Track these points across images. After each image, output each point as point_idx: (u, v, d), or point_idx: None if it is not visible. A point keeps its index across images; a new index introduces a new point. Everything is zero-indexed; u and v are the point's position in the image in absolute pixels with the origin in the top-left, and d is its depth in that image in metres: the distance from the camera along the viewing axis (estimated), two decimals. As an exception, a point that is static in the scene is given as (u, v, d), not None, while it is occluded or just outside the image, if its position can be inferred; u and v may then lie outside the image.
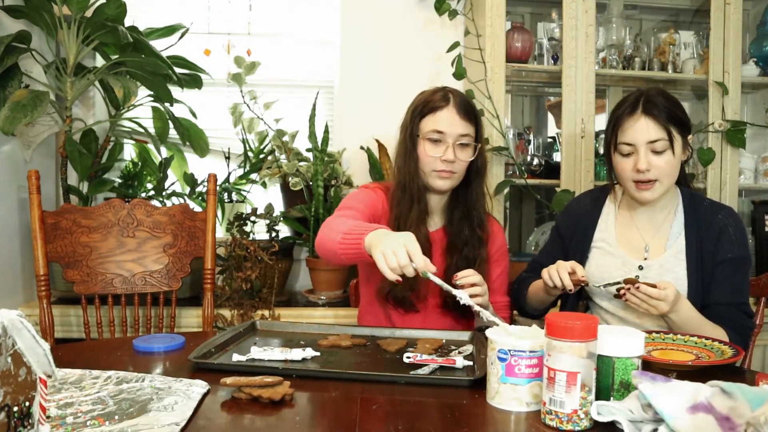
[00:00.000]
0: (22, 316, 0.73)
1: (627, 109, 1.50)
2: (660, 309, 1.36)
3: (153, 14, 2.59)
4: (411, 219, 1.58)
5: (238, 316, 2.16)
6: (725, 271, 1.51)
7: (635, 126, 1.48)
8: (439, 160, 1.56)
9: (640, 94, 1.51)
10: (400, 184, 1.61)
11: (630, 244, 1.60)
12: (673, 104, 1.50)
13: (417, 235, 1.51)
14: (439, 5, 2.47)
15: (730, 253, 1.51)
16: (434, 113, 1.57)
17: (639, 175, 1.48)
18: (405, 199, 1.60)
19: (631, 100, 1.51)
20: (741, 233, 1.53)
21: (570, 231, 1.68)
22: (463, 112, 1.57)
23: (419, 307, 1.64)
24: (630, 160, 1.50)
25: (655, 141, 1.46)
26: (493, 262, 1.67)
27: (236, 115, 2.45)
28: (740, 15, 2.47)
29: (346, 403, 1.02)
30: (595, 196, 1.71)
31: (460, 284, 1.40)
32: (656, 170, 1.47)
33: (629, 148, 1.50)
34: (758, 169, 2.70)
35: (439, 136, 1.56)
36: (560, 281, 1.44)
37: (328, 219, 1.47)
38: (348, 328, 1.47)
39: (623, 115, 1.50)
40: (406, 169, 1.60)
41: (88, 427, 0.88)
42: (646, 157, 1.47)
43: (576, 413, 0.91)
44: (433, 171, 1.58)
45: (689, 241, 1.54)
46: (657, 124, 1.46)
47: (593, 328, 0.92)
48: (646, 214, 1.59)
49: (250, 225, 2.30)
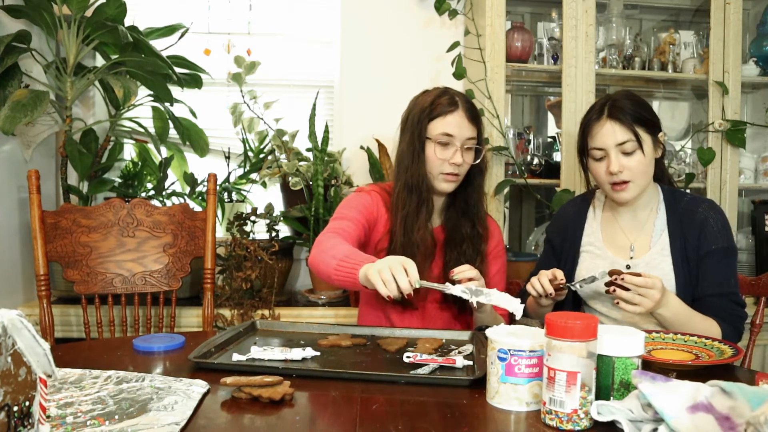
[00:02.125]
0: (22, 316, 0.73)
1: (594, 115, 1.54)
2: (652, 297, 1.35)
3: (153, 14, 2.59)
4: (420, 220, 1.60)
5: (238, 315, 2.16)
6: (711, 262, 1.52)
7: (602, 131, 1.51)
8: (447, 162, 1.58)
9: (606, 100, 1.55)
10: (407, 185, 1.61)
11: (616, 245, 1.62)
12: (638, 105, 1.53)
13: (424, 234, 1.56)
14: (439, 5, 2.47)
15: (713, 244, 1.52)
16: (444, 117, 1.58)
17: (613, 177, 1.52)
18: (412, 200, 1.61)
19: (598, 106, 1.55)
20: (723, 224, 1.54)
21: (560, 238, 1.72)
22: (470, 116, 1.60)
23: (418, 305, 1.64)
24: (603, 164, 1.53)
25: (624, 143, 1.50)
26: (491, 260, 1.69)
27: (236, 115, 2.45)
28: (740, 15, 2.47)
29: (346, 403, 1.02)
30: (579, 203, 1.75)
31: (458, 279, 1.41)
32: (628, 171, 1.50)
33: (600, 153, 1.53)
34: (758, 168, 2.70)
35: (448, 140, 1.58)
36: (541, 288, 1.47)
37: (321, 237, 1.48)
38: (348, 328, 1.47)
39: (591, 121, 1.55)
40: (413, 170, 1.61)
41: (88, 426, 0.88)
42: (617, 159, 1.50)
43: (576, 413, 0.91)
44: (440, 174, 1.60)
45: (673, 237, 1.55)
46: (623, 127, 1.50)
47: (593, 327, 0.92)
48: (629, 214, 1.61)
49: (250, 225, 2.30)
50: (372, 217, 1.63)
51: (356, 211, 1.59)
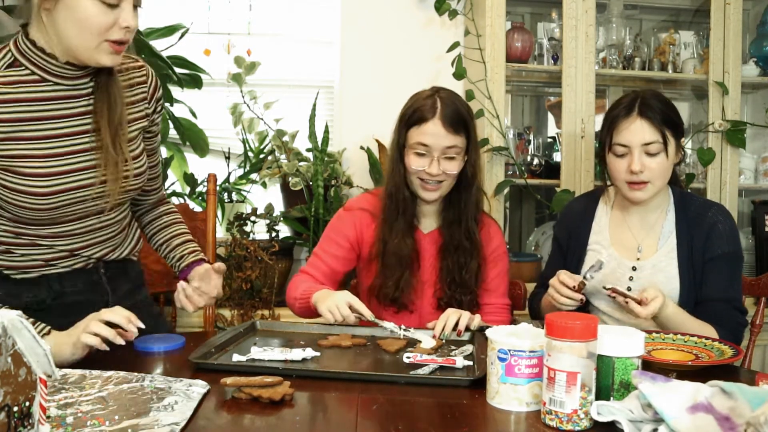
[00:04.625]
0: (22, 316, 0.73)
1: (623, 111, 1.51)
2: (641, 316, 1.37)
3: (153, 14, 2.58)
4: (396, 229, 1.61)
5: (238, 316, 2.16)
6: (716, 267, 1.52)
7: (630, 128, 1.49)
8: (424, 172, 1.55)
9: (635, 96, 1.52)
10: (387, 191, 1.62)
11: (623, 245, 1.61)
12: (668, 107, 1.51)
13: (404, 243, 1.61)
14: (439, 5, 2.47)
15: (720, 249, 1.51)
16: (420, 125, 1.54)
17: (632, 177, 1.49)
18: (392, 208, 1.61)
19: (627, 101, 1.52)
20: (731, 229, 1.54)
21: (566, 236, 1.70)
22: (450, 124, 1.53)
23: (413, 307, 1.64)
24: (624, 161, 1.51)
25: (650, 143, 1.48)
26: (489, 263, 1.67)
27: (236, 115, 2.45)
28: (740, 15, 2.48)
29: (346, 403, 1.02)
30: (587, 200, 1.72)
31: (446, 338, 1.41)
32: (649, 172, 1.49)
33: (623, 149, 1.50)
34: (758, 169, 2.70)
35: (424, 150, 1.54)
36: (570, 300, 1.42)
37: (293, 278, 1.67)
38: (348, 328, 1.46)
39: (619, 116, 1.51)
40: (393, 178, 1.61)
41: (88, 427, 0.88)
42: (640, 158, 1.48)
43: (576, 413, 0.91)
44: (419, 182, 1.58)
45: (680, 240, 1.55)
46: (652, 127, 1.48)
47: (593, 328, 0.92)
48: (639, 214, 1.60)
49: (250, 225, 2.30)
50: (353, 237, 1.66)
51: (332, 242, 1.67)
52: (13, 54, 1.20)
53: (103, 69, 1.24)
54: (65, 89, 1.23)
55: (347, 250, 1.67)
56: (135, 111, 1.35)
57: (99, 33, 1.16)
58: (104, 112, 1.25)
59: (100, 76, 1.26)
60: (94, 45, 1.17)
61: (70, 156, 1.23)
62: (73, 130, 1.24)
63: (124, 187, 1.30)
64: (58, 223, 1.25)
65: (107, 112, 1.25)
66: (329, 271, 1.66)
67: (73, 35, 1.15)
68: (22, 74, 1.20)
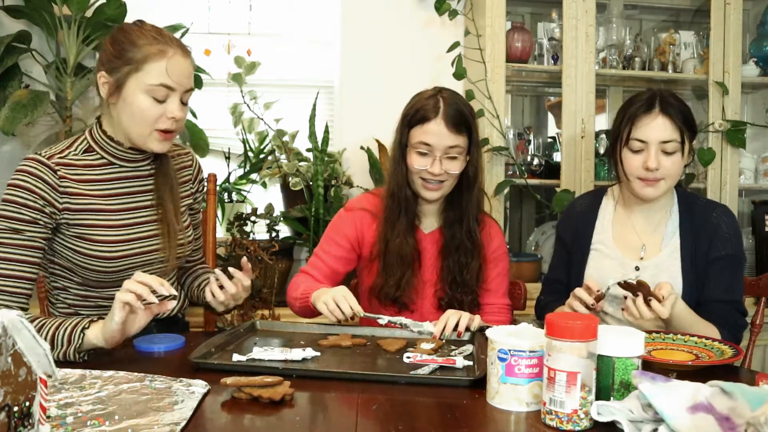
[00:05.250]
0: (22, 316, 0.73)
1: (643, 107, 1.50)
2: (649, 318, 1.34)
3: (153, 14, 2.57)
4: (398, 229, 1.61)
5: (238, 316, 2.16)
6: (719, 268, 1.52)
7: (651, 124, 1.48)
8: (426, 171, 1.55)
9: (654, 93, 1.51)
10: (389, 190, 1.63)
11: (627, 244, 1.60)
12: (686, 107, 1.52)
13: (405, 242, 1.60)
14: (439, 5, 2.47)
15: (723, 250, 1.52)
16: (422, 125, 1.54)
17: (646, 173, 1.49)
18: (394, 208, 1.61)
19: (646, 97, 1.51)
20: (735, 231, 1.54)
21: (570, 235, 1.69)
22: (452, 124, 1.53)
23: (413, 307, 1.64)
24: (639, 157, 1.50)
25: (668, 141, 1.48)
26: (490, 263, 1.67)
27: (236, 115, 2.45)
28: (740, 15, 2.47)
29: (346, 403, 1.02)
30: (590, 199, 1.72)
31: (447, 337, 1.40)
32: (664, 170, 1.49)
33: (640, 145, 1.50)
34: (758, 169, 2.70)
35: (426, 149, 1.54)
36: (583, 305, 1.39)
37: (294, 278, 1.67)
38: (348, 328, 1.47)
39: (639, 111, 1.50)
40: (395, 177, 1.61)
41: (88, 427, 0.88)
42: (657, 156, 1.48)
43: (576, 413, 0.91)
44: (421, 182, 1.58)
45: (684, 240, 1.55)
46: (673, 124, 1.48)
47: (593, 328, 0.92)
48: (643, 213, 1.60)
49: (250, 225, 2.30)
50: (353, 237, 1.67)
51: (332, 242, 1.68)
52: (88, 141, 1.41)
53: (159, 154, 1.43)
54: (129, 170, 1.44)
55: (348, 251, 1.67)
56: (183, 190, 1.56)
57: (150, 123, 1.34)
58: (165, 189, 1.46)
59: (159, 160, 1.47)
60: (146, 133, 1.36)
61: (134, 227, 1.42)
62: (138, 204, 1.44)
63: (179, 254, 1.49)
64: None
65: (168, 190, 1.47)
66: (330, 271, 1.66)
67: (130, 124, 1.35)
68: (94, 159, 1.40)
